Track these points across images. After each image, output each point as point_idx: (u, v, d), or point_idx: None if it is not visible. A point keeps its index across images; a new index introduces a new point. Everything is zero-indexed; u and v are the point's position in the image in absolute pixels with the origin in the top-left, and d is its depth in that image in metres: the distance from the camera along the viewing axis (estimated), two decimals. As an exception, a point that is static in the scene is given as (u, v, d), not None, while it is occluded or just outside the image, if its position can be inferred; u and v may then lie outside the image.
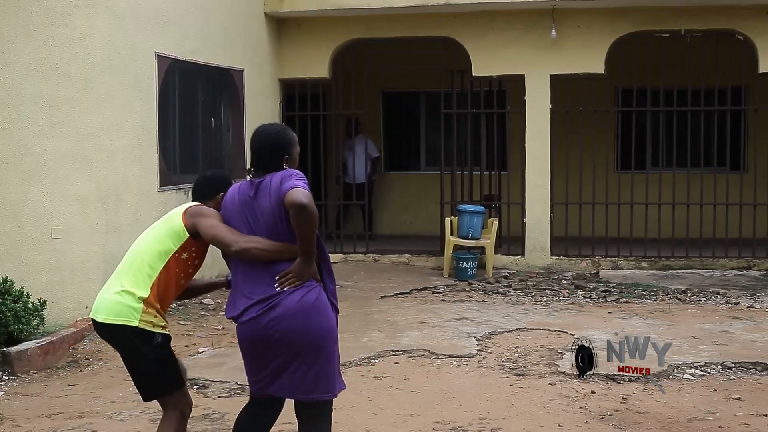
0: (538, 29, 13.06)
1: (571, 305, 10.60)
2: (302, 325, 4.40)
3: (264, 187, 4.50)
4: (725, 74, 12.82)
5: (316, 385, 4.48)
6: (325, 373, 4.48)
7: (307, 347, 4.42)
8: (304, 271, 4.42)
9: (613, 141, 15.02)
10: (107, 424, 6.44)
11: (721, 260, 12.93)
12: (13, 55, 8.55)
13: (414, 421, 6.32)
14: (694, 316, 9.89)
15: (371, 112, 15.33)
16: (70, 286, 9.00)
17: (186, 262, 4.74)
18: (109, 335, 4.77)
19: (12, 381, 7.64)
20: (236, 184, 4.74)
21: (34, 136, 8.69)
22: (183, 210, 4.78)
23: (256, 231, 4.50)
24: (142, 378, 4.79)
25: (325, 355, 4.47)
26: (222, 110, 12.37)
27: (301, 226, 4.32)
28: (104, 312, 4.71)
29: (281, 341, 4.40)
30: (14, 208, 8.65)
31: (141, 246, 4.83)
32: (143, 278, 4.67)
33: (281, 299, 4.40)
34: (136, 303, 4.63)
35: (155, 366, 4.71)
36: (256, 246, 4.44)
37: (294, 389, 4.48)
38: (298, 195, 4.28)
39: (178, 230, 4.72)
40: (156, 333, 4.67)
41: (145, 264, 4.70)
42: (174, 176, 10.83)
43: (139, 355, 4.69)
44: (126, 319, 4.63)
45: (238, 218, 4.57)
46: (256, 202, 4.51)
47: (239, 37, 12.53)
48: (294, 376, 4.45)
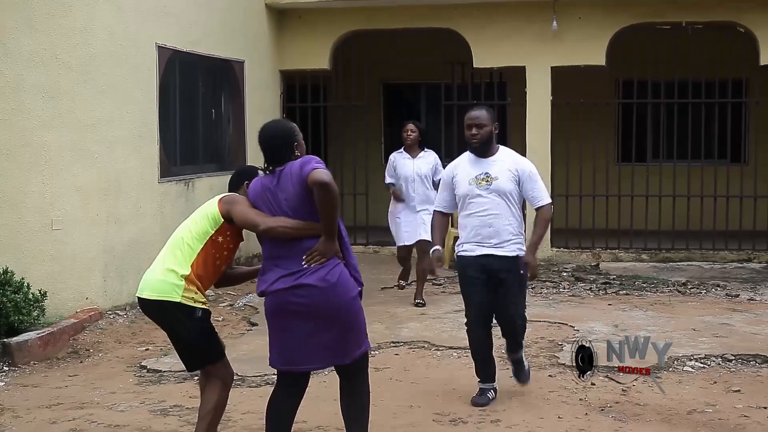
0: (539, 21, 13.04)
1: (571, 297, 10.60)
2: (325, 298, 4.82)
3: (285, 174, 4.90)
4: (726, 66, 12.82)
5: (341, 353, 4.93)
6: (348, 340, 4.93)
7: (331, 321, 4.84)
8: (328, 248, 4.85)
9: (613, 133, 15.02)
10: (107, 414, 6.44)
11: (722, 252, 12.94)
12: (14, 46, 8.54)
13: (414, 413, 6.33)
14: (694, 308, 9.90)
15: (372, 104, 15.31)
16: (70, 277, 9.00)
17: (221, 245, 5.17)
18: (154, 311, 5.19)
19: (12, 372, 7.65)
20: (257, 178, 5.17)
21: (34, 127, 8.69)
22: (219, 198, 5.24)
23: (281, 215, 4.90)
24: (186, 350, 5.21)
25: (349, 323, 4.91)
26: (222, 101, 12.37)
27: (324, 204, 4.75)
28: (149, 290, 5.14)
29: (307, 314, 4.82)
30: (15, 199, 8.65)
31: (182, 229, 5.28)
32: (184, 258, 5.13)
33: (308, 275, 4.82)
34: (179, 280, 5.07)
35: (198, 338, 5.15)
36: (282, 224, 4.86)
37: (320, 361, 4.97)
38: (320, 174, 4.72)
39: (214, 215, 5.16)
40: (197, 308, 5.10)
41: (186, 245, 5.16)
42: (174, 167, 10.83)
43: (182, 328, 5.12)
44: (169, 296, 5.06)
45: (263, 205, 4.98)
46: (279, 189, 4.92)
47: (240, 29, 12.52)
48: (319, 350, 4.87)
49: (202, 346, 5.19)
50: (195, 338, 5.14)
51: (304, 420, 5.64)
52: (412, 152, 10.25)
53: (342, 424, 5.27)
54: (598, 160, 13.12)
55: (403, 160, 10.27)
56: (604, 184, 13.23)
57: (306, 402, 5.23)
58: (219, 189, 11.57)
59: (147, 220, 10.13)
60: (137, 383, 7.29)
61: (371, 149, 15.48)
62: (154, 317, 5.28)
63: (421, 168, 10.14)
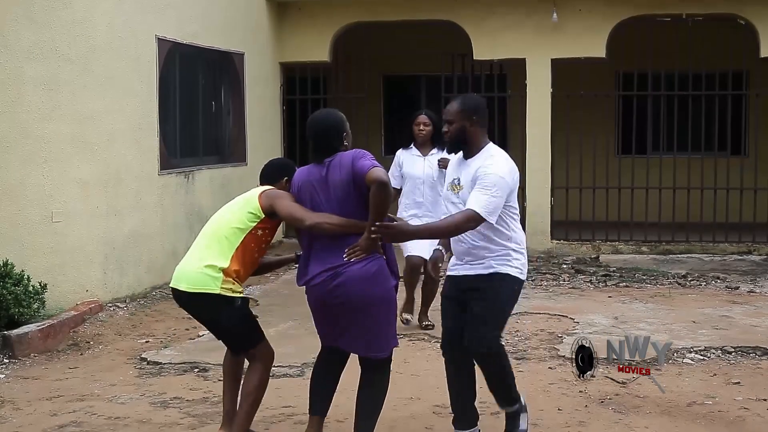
0: (539, 13, 13.02)
1: (571, 289, 10.61)
2: (362, 291, 4.98)
3: (335, 165, 5.04)
4: (726, 59, 12.79)
5: (370, 345, 5.11)
6: (378, 335, 5.10)
7: (365, 311, 5.02)
8: (371, 244, 4.96)
9: (613, 125, 15.00)
10: (108, 407, 6.45)
11: (722, 245, 12.93)
12: (14, 38, 8.53)
13: (414, 405, 6.34)
14: (694, 300, 9.91)
15: (372, 96, 15.29)
16: (70, 269, 9.01)
17: (261, 238, 5.32)
18: (192, 303, 5.33)
19: (12, 364, 7.65)
20: (302, 167, 5.27)
21: (34, 120, 8.68)
22: (259, 192, 5.33)
23: (327, 205, 5.04)
24: (228, 336, 5.45)
25: (381, 318, 5.09)
26: (222, 94, 12.36)
27: (377, 202, 4.85)
28: (187, 282, 5.27)
29: (344, 304, 5.00)
30: (15, 191, 8.64)
31: (220, 223, 5.36)
32: (223, 251, 5.23)
33: (347, 268, 4.97)
34: (217, 273, 5.19)
35: (238, 325, 5.35)
36: (327, 221, 5.01)
37: (353, 346, 5.17)
38: (380, 173, 4.85)
39: (256, 209, 5.26)
40: (236, 297, 5.26)
41: (224, 238, 5.26)
42: (174, 160, 10.83)
43: (223, 317, 5.30)
44: (208, 288, 5.19)
45: (308, 196, 5.11)
46: (328, 179, 5.04)
47: (240, 21, 12.51)
48: (353, 336, 5.09)
49: (243, 333, 5.39)
50: (235, 326, 5.35)
51: (304, 412, 5.64)
52: (424, 150, 8.61)
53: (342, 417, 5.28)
54: (599, 153, 13.11)
55: (411, 158, 8.65)
56: (604, 176, 13.23)
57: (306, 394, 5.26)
58: (219, 181, 11.67)
59: (147, 212, 10.13)
60: (137, 375, 7.30)
61: (371, 141, 15.41)
62: (191, 308, 5.43)
63: (433, 168, 8.52)
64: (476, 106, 5.42)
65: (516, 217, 5.35)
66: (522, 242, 5.40)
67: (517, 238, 5.35)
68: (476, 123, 5.34)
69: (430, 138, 8.58)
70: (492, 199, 5.09)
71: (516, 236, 5.33)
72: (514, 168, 5.32)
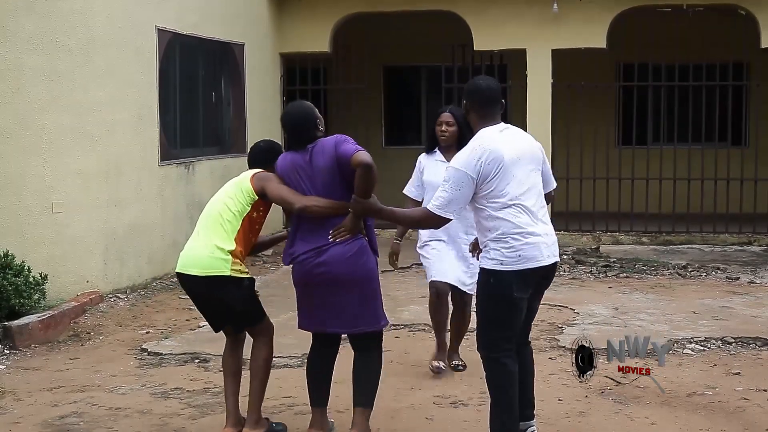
0: (539, 3, 13.00)
1: (572, 280, 10.62)
2: (345, 269, 5.20)
3: (318, 151, 5.24)
4: (727, 49, 12.79)
5: (358, 321, 5.31)
6: (364, 310, 5.32)
7: (349, 288, 5.23)
8: (355, 225, 5.19)
9: (614, 116, 15.01)
10: (108, 397, 6.46)
11: (722, 235, 12.94)
12: (14, 29, 8.53)
13: (414, 395, 6.35)
14: (694, 291, 9.91)
15: (372, 87, 15.28)
16: (71, 260, 9.01)
17: (256, 219, 5.53)
18: (203, 287, 5.46)
19: (13, 355, 7.66)
20: (284, 153, 5.48)
21: (34, 110, 8.68)
22: (251, 175, 5.51)
23: (312, 189, 5.23)
24: (237, 315, 5.59)
25: (366, 293, 5.31)
26: (223, 84, 12.35)
27: (364, 184, 5.04)
28: (199, 267, 5.41)
29: (330, 281, 5.21)
30: (15, 182, 8.65)
31: (218, 207, 5.52)
32: (227, 234, 5.41)
33: (331, 247, 5.18)
34: (226, 255, 5.36)
35: (248, 303, 5.54)
36: (315, 204, 5.21)
37: (344, 324, 5.32)
38: (365, 156, 5.04)
39: (249, 192, 5.45)
40: (244, 278, 5.45)
41: (226, 222, 5.43)
42: (174, 150, 10.82)
43: (233, 298, 5.46)
44: (220, 270, 5.36)
45: (293, 180, 5.29)
46: (312, 164, 5.24)
47: (240, 11, 12.49)
48: (343, 313, 5.27)
49: (251, 311, 5.59)
50: (244, 304, 5.52)
51: (305, 403, 5.65)
52: (448, 154, 6.70)
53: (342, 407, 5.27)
54: (599, 143, 13.11)
55: (434, 164, 6.96)
56: (604, 167, 13.22)
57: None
58: (220, 172, 11.66)
59: (147, 203, 10.13)
60: (138, 366, 7.30)
61: (372, 132, 15.43)
62: (201, 292, 5.54)
63: None
64: (467, 91, 5.31)
65: (498, 205, 4.95)
66: (506, 229, 4.92)
67: (498, 227, 4.94)
68: (470, 108, 5.26)
69: (456, 139, 6.79)
70: (442, 194, 4.93)
71: (495, 225, 4.94)
72: (477, 155, 4.94)
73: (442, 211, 4.93)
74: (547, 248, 5.04)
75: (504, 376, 5.03)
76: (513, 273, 4.91)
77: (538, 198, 5.12)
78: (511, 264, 4.91)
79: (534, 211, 5.03)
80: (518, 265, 4.91)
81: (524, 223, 4.94)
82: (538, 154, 5.31)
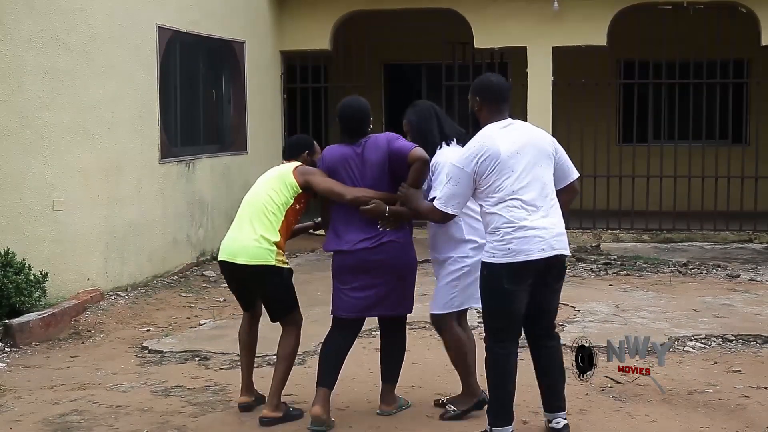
0: (540, 1, 12.99)
1: (572, 278, 10.60)
2: (400, 256, 5.58)
3: (370, 145, 5.58)
4: (727, 47, 12.76)
5: (401, 304, 5.73)
6: (407, 296, 5.74)
7: (402, 274, 5.62)
8: (403, 215, 5.54)
9: (614, 114, 15.00)
10: (109, 395, 6.46)
11: (723, 233, 12.94)
12: (14, 27, 8.52)
13: (415, 393, 6.34)
14: (695, 288, 9.91)
15: (372, 85, 15.27)
16: (71, 258, 9.01)
17: (297, 211, 5.81)
18: (248, 275, 5.72)
19: (14, 353, 7.66)
20: (333, 146, 5.78)
21: (35, 108, 8.67)
22: (292, 168, 5.78)
23: (361, 181, 5.55)
24: (275, 303, 5.85)
25: (412, 280, 5.73)
26: (223, 82, 12.34)
27: (418, 178, 5.45)
28: (246, 256, 5.66)
29: (385, 267, 5.53)
30: (16, 180, 8.65)
31: (262, 199, 5.75)
32: (271, 225, 5.68)
33: (387, 236, 5.53)
34: (271, 246, 5.64)
35: (285, 293, 5.82)
36: (365, 195, 5.50)
37: (386, 308, 5.67)
38: (421, 153, 5.42)
39: (293, 185, 5.71)
40: (285, 268, 5.74)
41: (270, 213, 5.69)
42: (175, 148, 10.81)
43: (274, 287, 5.76)
44: (266, 260, 5.64)
45: (342, 172, 5.59)
46: (364, 157, 5.56)
47: (240, 9, 12.48)
48: (388, 298, 5.61)
49: (288, 300, 5.84)
50: (283, 293, 5.79)
51: (306, 401, 5.66)
52: None
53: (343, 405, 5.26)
54: (600, 141, 13.10)
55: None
56: (605, 164, 13.22)
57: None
58: (220, 170, 11.67)
59: (148, 201, 10.13)
60: (139, 364, 7.30)
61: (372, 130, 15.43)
62: (244, 279, 5.79)
63: None
64: (478, 87, 5.42)
65: (493, 201, 5.10)
66: (498, 224, 5.07)
67: (492, 221, 5.12)
68: (481, 104, 5.36)
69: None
70: (444, 189, 5.26)
71: (490, 220, 5.13)
72: (474, 152, 5.09)
73: (443, 205, 5.21)
74: (543, 242, 5.25)
75: (498, 363, 5.30)
76: (503, 266, 5.09)
77: (542, 191, 5.30)
78: (502, 257, 5.10)
79: (535, 204, 5.23)
80: (508, 258, 5.09)
81: (517, 217, 5.12)
82: (546, 148, 5.44)
